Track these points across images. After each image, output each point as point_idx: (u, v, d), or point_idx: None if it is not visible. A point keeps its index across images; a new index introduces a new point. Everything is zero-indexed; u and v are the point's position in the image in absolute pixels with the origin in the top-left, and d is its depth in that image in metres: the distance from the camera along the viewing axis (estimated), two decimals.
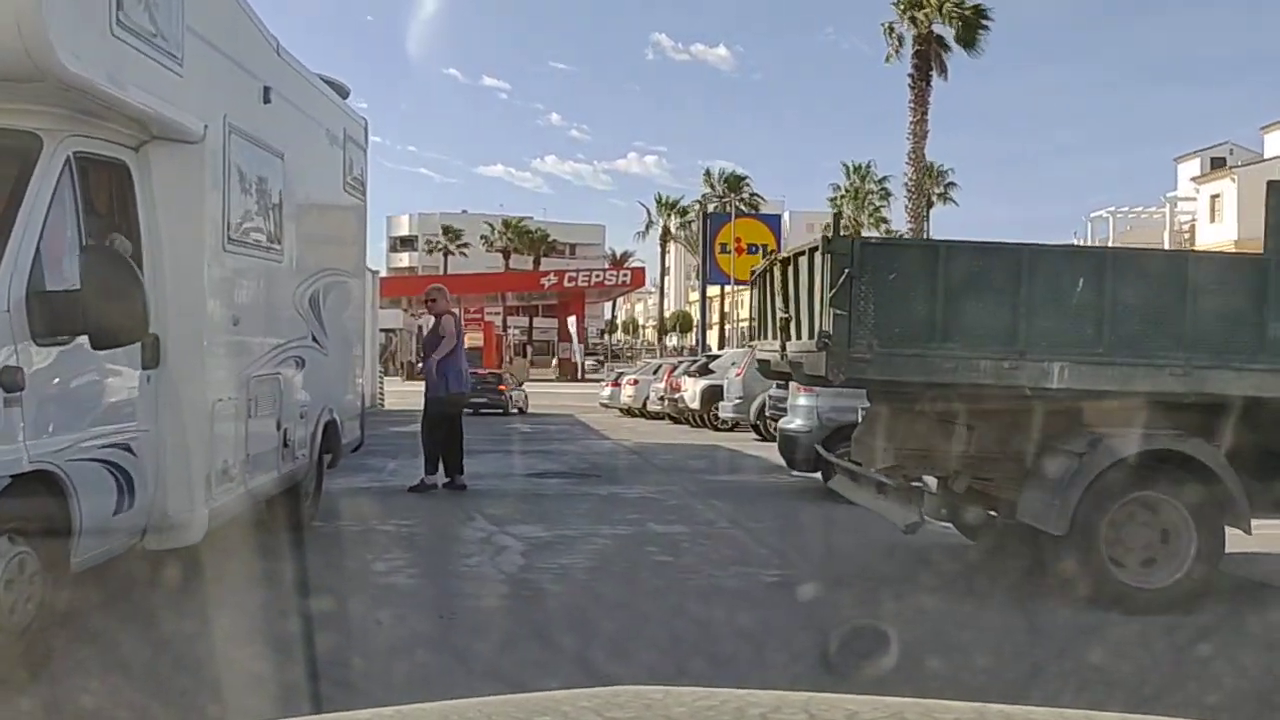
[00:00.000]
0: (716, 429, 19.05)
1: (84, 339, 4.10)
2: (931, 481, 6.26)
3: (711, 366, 20.81)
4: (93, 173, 4.49)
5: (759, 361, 7.21)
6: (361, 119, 8.64)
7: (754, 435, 16.56)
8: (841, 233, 5.77)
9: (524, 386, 26.57)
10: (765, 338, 6.90)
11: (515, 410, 23.55)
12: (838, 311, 5.12)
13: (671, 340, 76.23)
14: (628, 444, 15.81)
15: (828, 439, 8.97)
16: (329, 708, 3.33)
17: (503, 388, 23.44)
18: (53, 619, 4.00)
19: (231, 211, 5.53)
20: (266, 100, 6.07)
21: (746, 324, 65.98)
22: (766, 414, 14.10)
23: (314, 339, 7.13)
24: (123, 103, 4.46)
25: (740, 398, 16.66)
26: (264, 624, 4.63)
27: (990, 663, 4.50)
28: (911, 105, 29.32)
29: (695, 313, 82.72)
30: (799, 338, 5.82)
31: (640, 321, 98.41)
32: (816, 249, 5.39)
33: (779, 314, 6.15)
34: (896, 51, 30.20)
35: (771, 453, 13.24)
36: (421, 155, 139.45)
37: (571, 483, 10.46)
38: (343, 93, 8.13)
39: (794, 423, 9.53)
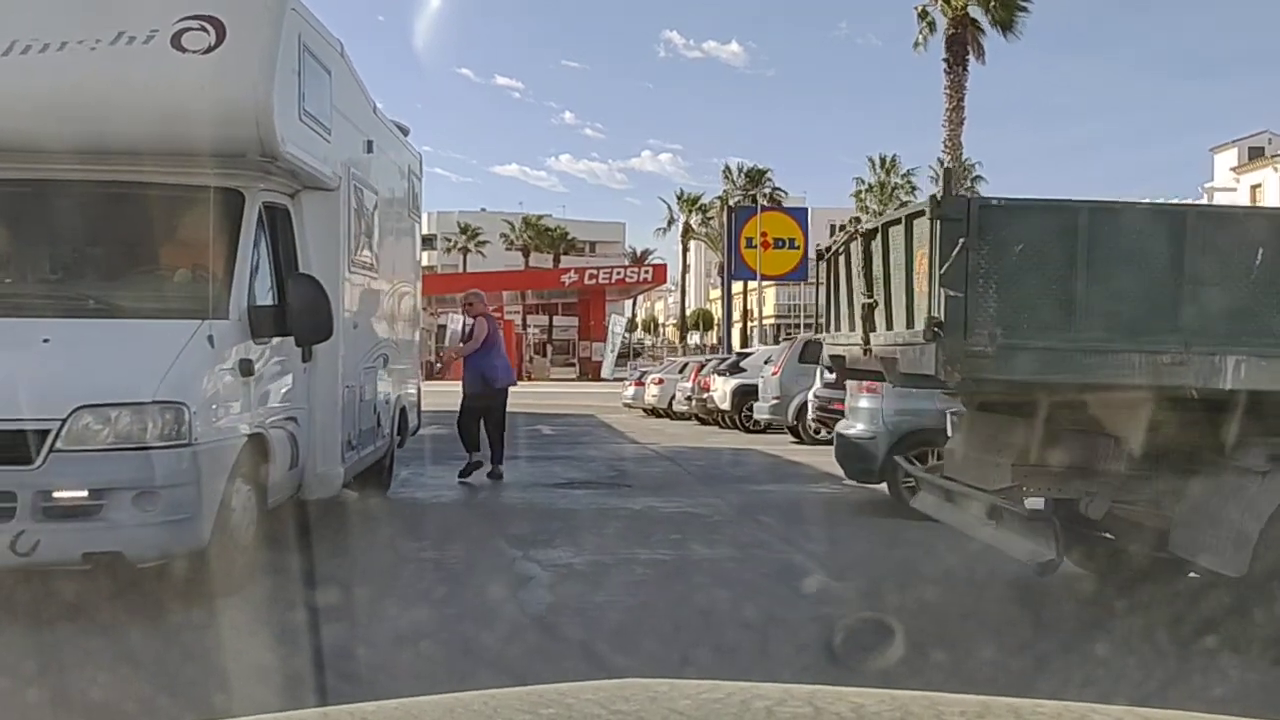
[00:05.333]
0: (748, 431, 18.03)
1: (279, 340, 5.53)
2: (1035, 501, 5.12)
3: (742, 365, 19.73)
4: (271, 216, 5.80)
5: (832, 358, 6.12)
6: (418, 153, 10.04)
7: (790, 438, 15.52)
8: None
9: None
10: (837, 329, 5.83)
11: None
12: (951, 293, 4.03)
13: (693, 339, 75.26)
14: (657, 448, 14.71)
15: (894, 446, 7.87)
16: None
17: None
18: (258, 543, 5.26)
19: (352, 241, 6.85)
20: (369, 151, 7.43)
21: (769, 321, 64.68)
22: (810, 416, 12.98)
23: (392, 340, 8.57)
24: (304, 168, 5.87)
25: (777, 398, 15.54)
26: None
27: None
28: (947, 91, 28.04)
29: (715, 310, 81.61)
30: (890, 327, 4.74)
31: (660, 320, 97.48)
32: (918, 214, 4.31)
33: (861, 299, 5.07)
34: (925, 39, 28.94)
35: (815, 458, 12.17)
36: (437, 155, 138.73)
37: (601, 494, 9.38)
38: (405, 132, 9.39)
39: (854, 427, 8.42)
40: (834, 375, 11.13)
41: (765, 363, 18.72)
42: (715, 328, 79.02)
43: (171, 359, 4.73)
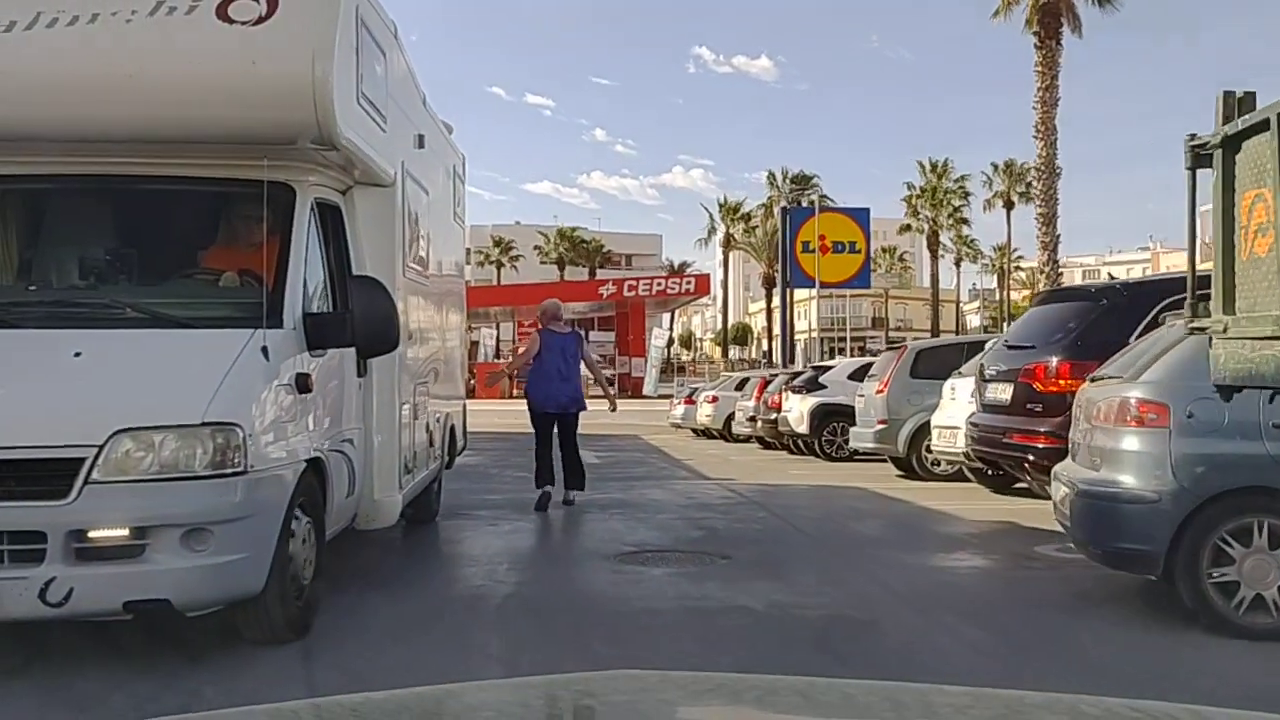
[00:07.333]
0: (831, 459, 15.26)
1: (334, 352, 4.93)
2: None
3: (822, 380, 16.73)
4: (322, 214, 5.19)
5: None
6: (461, 154, 9.28)
7: (895, 470, 12.51)
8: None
9: None
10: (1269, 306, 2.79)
11: None
12: None
13: (732, 353, 72.54)
14: (736, 486, 11.61)
15: (1196, 514, 4.75)
16: None
17: None
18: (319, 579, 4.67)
19: (407, 243, 6.22)
20: (420, 146, 6.74)
21: (813, 335, 61.65)
22: (957, 448, 9.83)
23: (442, 352, 7.88)
24: (361, 159, 5.18)
25: (883, 421, 12.42)
26: None
27: None
28: (1038, 70, 24.97)
29: (755, 323, 78.56)
30: None
31: (698, 334, 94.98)
32: None
33: None
34: (1008, 7, 25.77)
35: (954, 503, 9.21)
36: (470, 172, 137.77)
37: (691, 575, 6.09)
38: (449, 130, 8.64)
39: (1115, 481, 5.26)
40: (1006, 392, 8.03)
41: (851, 377, 15.90)
42: (755, 341, 76.00)
43: (221, 374, 4.16)
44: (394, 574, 6.34)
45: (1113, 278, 15.66)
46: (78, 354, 4.25)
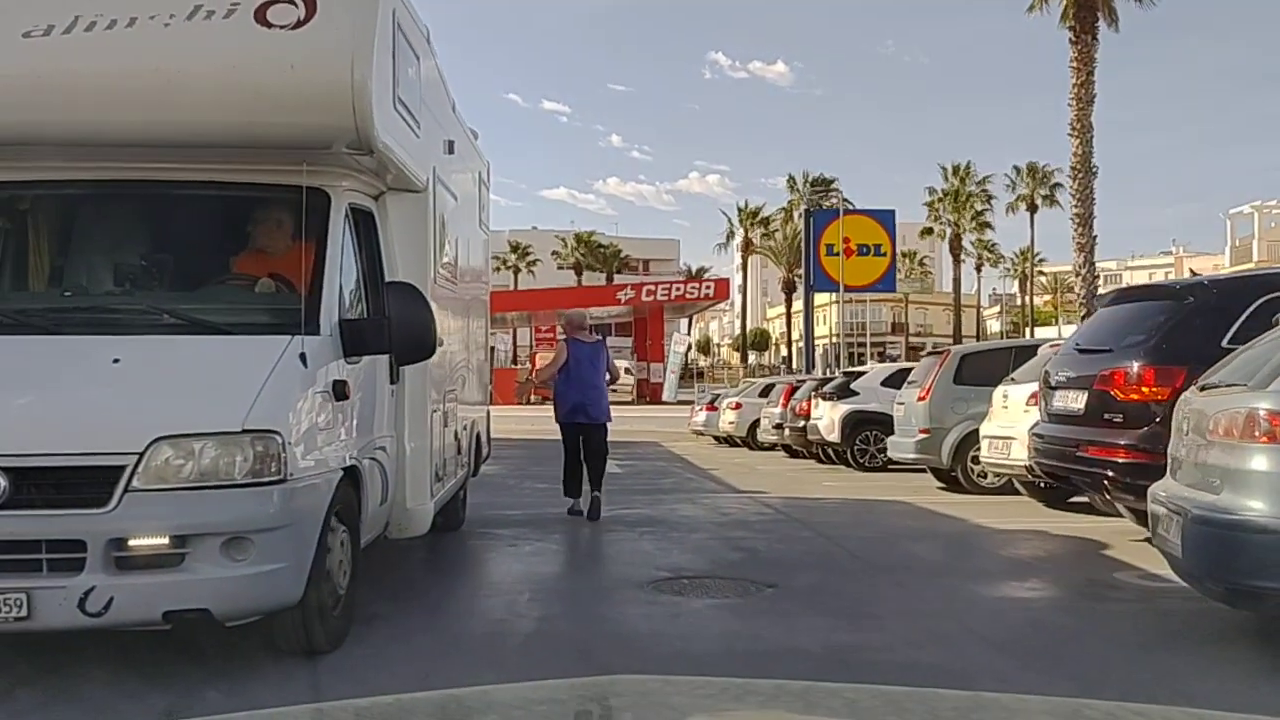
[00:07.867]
0: (864, 469, 14.65)
1: (368, 358, 4.88)
2: None
3: (854, 386, 16.04)
4: (355, 220, 5.14)
5: None
6: (486, 160, 9.13)
7: (936, 482, 11.83)
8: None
9: None
10: None
11: None
12: None
13: (751, 359, 71.80)
14: (769, 500, 10.87)
15: None
16: None
17: None
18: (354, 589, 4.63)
19: (437, 249, 6.15)
20: (450, 152, 6.68)
21: (832, 340, 61.19)
22: (1019, 459, 9.04)
23: (468, 358, 7.93)
24: (396, 164, 5.12)
25: (925, 431, 11.66)
26: None
27: None
28: (1074, 65, 24.21)
29: (773, 328, 77.70)
30: None
31: (715, 340, 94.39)
32: None
33: None
34: (1044, 1, 24.99)
35: (1008, 518, 8.68)
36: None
37: (736, 610, 5.40)
38: (475, 136, 8.51)
39: (1247, 504, 4.49)
40: (1079, 401, 7.27)
41: (885, 383, 15.33)
42: (775, 346, 75.17)
43: (260, 381, 4.09)
44: (404, 609, 5.60)
45: (1194, 273, 14.80)
46: (116, 360, 4.18)
